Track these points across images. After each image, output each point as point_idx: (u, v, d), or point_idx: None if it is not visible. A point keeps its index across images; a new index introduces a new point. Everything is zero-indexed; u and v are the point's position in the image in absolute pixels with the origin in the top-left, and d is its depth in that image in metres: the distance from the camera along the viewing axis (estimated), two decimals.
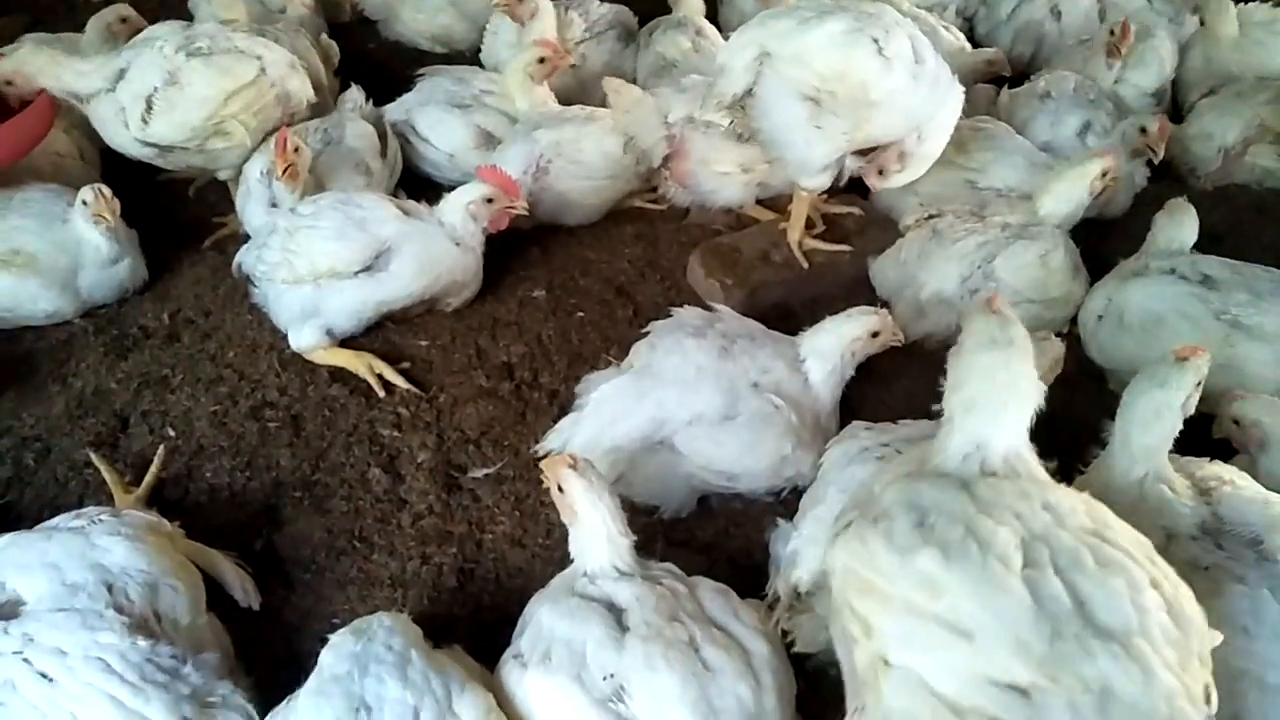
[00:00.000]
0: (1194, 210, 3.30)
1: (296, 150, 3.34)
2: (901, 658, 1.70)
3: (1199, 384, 2.29)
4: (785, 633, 2.32)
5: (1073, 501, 1.83)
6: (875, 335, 2.85)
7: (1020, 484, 1.85)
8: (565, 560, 2.28)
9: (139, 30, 3.99)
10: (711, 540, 2.78)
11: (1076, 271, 3.33)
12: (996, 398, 1.90)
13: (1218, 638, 1.75)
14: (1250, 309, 2.96)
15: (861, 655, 1.77)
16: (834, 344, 2.83)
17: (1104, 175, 3.33)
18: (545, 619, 2.11)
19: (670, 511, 2.79)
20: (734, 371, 2.73)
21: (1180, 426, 2.29)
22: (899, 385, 3.11)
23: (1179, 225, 3.28)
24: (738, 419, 2.69)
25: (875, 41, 3.02)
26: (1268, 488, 2.35)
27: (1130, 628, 1.62)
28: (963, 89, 3.31)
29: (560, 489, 2.22)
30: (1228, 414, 2.69)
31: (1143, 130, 3.79)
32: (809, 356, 2.84)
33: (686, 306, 3.03)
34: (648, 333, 2.93)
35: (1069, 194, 3.32)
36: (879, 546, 1.76)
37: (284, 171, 3.32)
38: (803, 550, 2.36)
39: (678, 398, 2.69)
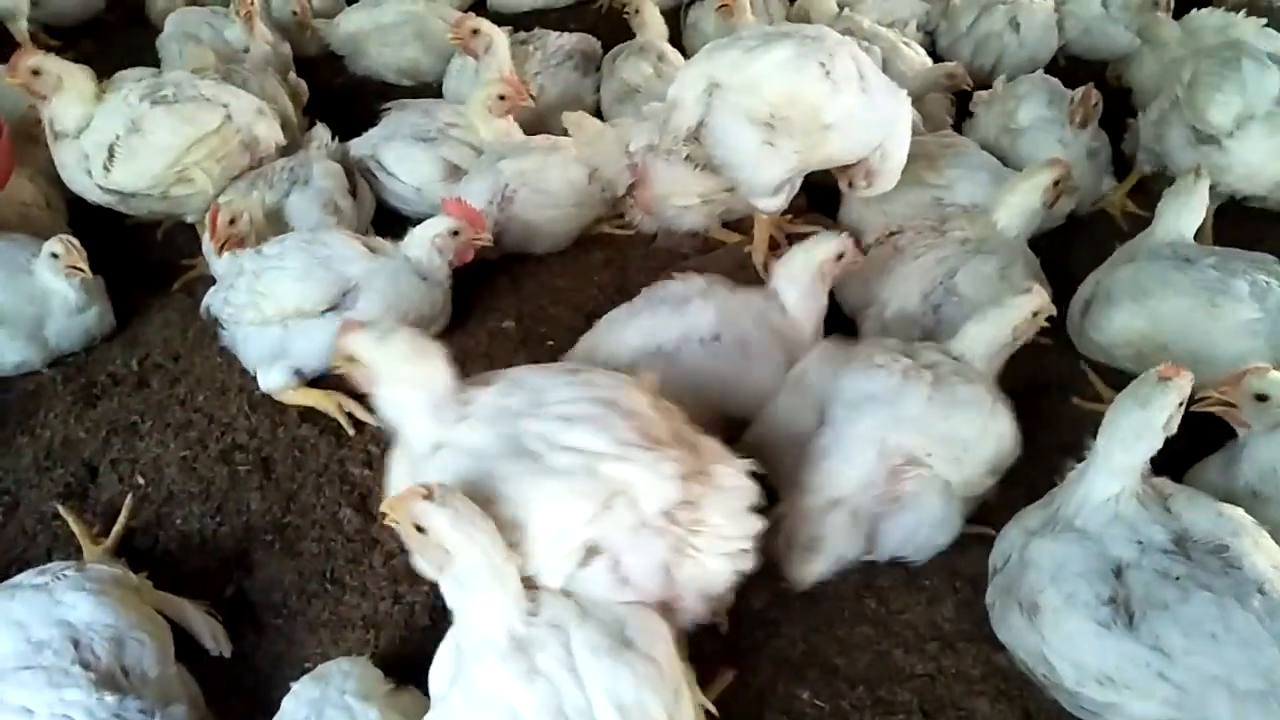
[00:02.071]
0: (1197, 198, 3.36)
1: (232, 221, 3.30)
2: None
3: (1181, 404, 2.32)
4: None
5: None
6: (840, 258, 3.02)
7: None
8: None
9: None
10: None
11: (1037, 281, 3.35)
12: None
13: None
14: (1229, 276, 3.13)
15: None
16: (806, 266, 3.00)
17: (1056, 184, 3.39)
18: None
19: None
20: (717, 305, 2.96)
21: (1160, 445, 2.32)
22: None
23: (1176, 215, 3.34)
24: (723, 339, 2.90)
25: (821, 65, 3.08)
26: (1258, 473, 2.49)
27: None
28: (908, 95, 3.38)
29: (418, 529, 1.88)
30: (1246, 389, 2.60)
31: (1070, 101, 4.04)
32: (784, 287, 3.02)
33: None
34: None
35: (1023, 205, 3.38)
36: None
37: (220, 248, 3.29)
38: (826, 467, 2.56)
39: (669, 313, 2.96)
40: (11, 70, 3.39)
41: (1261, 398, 2.58)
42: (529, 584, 1.98)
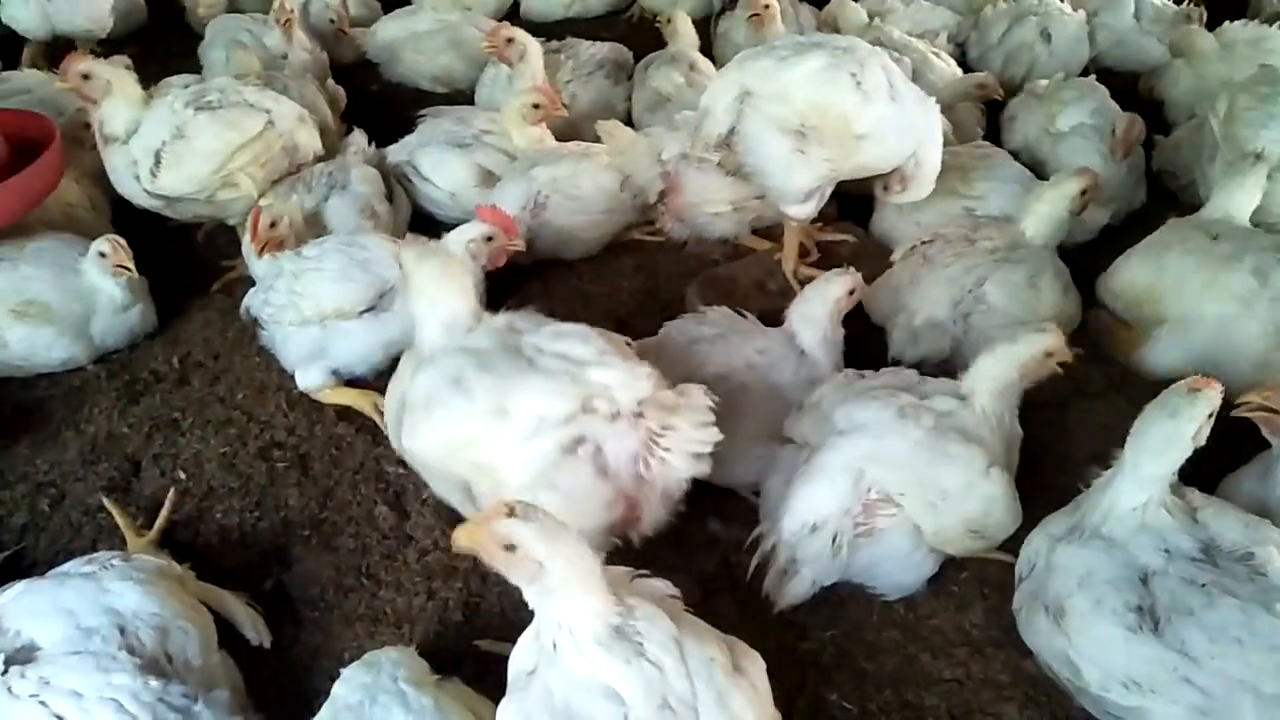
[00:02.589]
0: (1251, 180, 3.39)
1: (273, 225, 3.37)
2: None
3: (1211, 415, 2.32)
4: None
5: None
6: (852, 293, 3.08)
7: None
8: None
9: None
10: None
11: (1067, 290, 3.38)
12: None
13: None
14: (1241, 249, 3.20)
15: None
16: (821, 308, 3.04)
17: (1083, 194, 3.41)
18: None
19: None
20: (731, 346, 2.99)
21: (1189, 455, 2.32)
22: None
23: (1228, 195, 3.39)
24: (729, 381, 2.88)
25: (853, 75, 3.13)
26: None
27: None
28: (936, 103, 3.42)
29: (508, 548, 1.88)
30: None
31: (1112, 132, 3.99)
32: (801, 328, 3.05)
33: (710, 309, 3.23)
34: None
35: (1050, 214, 3.42)
36: None
37: (261, 250, 3.36)
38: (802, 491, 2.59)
39: (677, 356, 2.95)
40: (63, 75, 3.49)
41: None
42: (616, 586, 2.01)
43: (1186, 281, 3.20)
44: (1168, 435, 2.30)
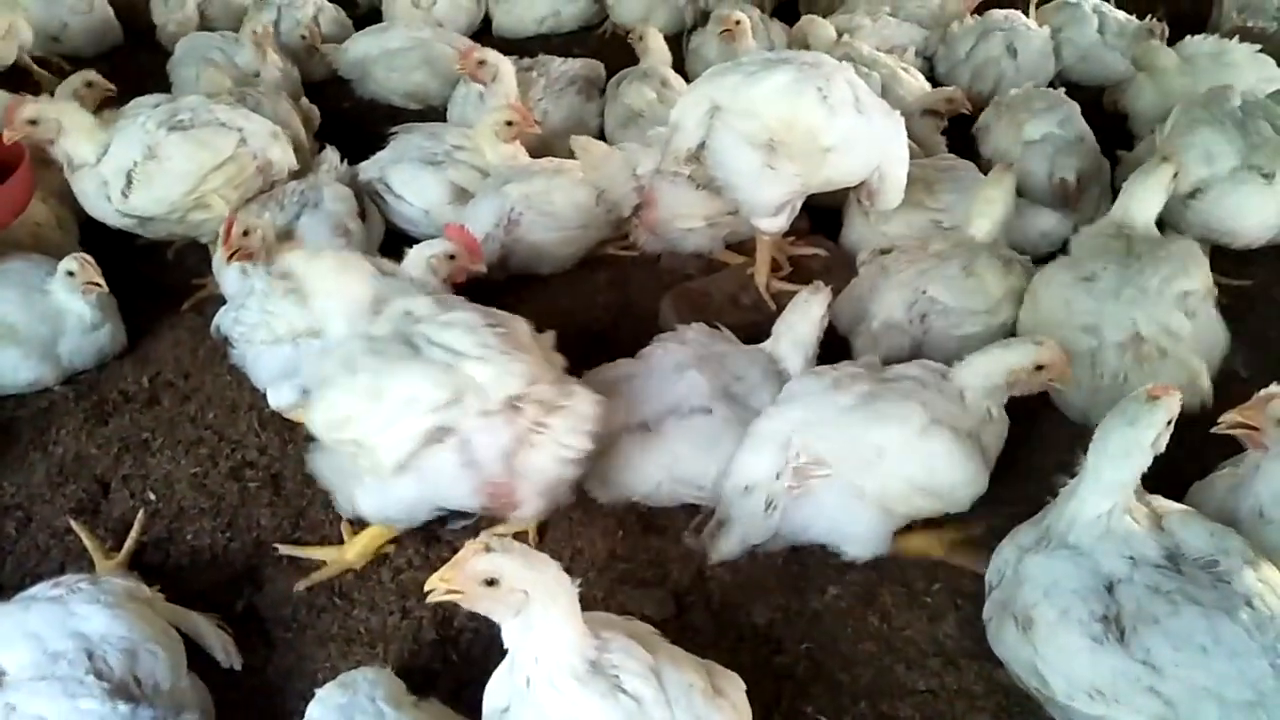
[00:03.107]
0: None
1: (246, 233, 3.33)
2: None
3: (1170, 422, 2.35)
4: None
5: None
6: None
7: None
8: None
9: (106, 94, 4.07)
10: None
11: (1008, 265, 3.47)
12: None
13: None
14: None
15: None
16: (808, 330, 3.08)
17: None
18: None
19: (643, 497, 2.94)
20: (710, 374, 2.95)
21: (1149, 463, 2.35)
22: None
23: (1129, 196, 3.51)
24: (711, 415, 2.88)
25: (819, 90, 3.20)
26: (1271, 494, 2.50)
27: None
28: (901, 116, 3.51)
29: (489, 583, 1.88)
30: (1269, 414, 2.54)
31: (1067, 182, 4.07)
32: (789, 352, 3.07)
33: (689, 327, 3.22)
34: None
35: (989, 213, 3.53)
36: None
37: (231, 257, 3.33)
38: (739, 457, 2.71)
39: (658, 385, 2.94)
40: (9, 126, 3.42)
41: None
42: (592, 621, 2.02)
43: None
44: (1127, 442, 2.32)
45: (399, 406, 2.45)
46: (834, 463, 2.67)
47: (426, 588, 1.93)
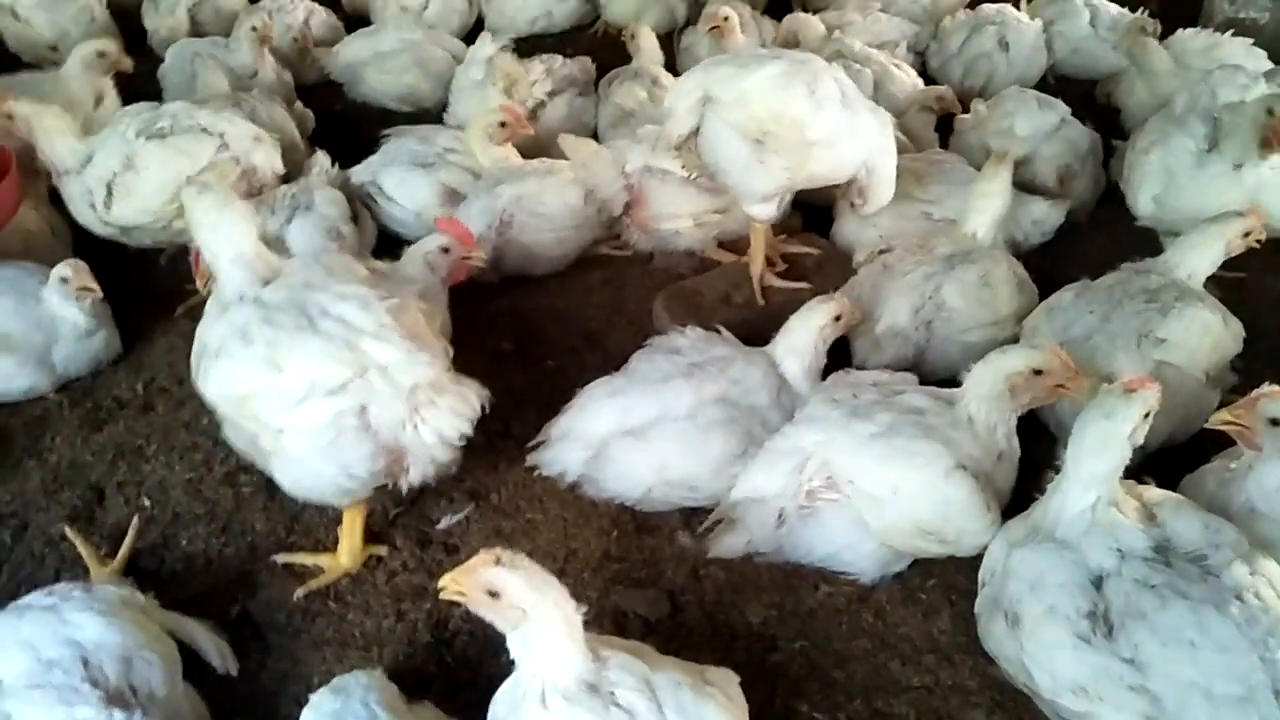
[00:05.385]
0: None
1: None
2: None
3: (1147, 415, 2.35)
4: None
5: None
6: (838, 319, 3.08)
7: None
8: None
9: (118, 66, 4.07)
10: None
11: (1021, 286, 3.45)
12: None
13: None
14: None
15: None
16: (806, 337, 3.05)
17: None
18: None
19: (635, 502, 2.96)
20: (700, 383, 2.94)
21: (1129, 455, 2.35)
22: None
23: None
24: (697, 420, 2.88)
25: (807, 84, 3.24)
26: (1261, 493, 2.51)
27: None
28: (889, 114, 3.54)
29: (492, 595, 1.95)
30: (1260, 413, 2.55)
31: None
32: (785, 357, 3.06)
33: (687, 329, 3.22)
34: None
35: (986, 208, 3.51)
36: None
37: (204, 285, 3.32)
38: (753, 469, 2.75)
39: (645, 393, 2.93)
40: None
41: (1276, 422, 2.53)
42: (592, 642, 2.06)
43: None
44: (1104, 435, 2.33)
45: (301, 386, 2.42)
46: (846, 491, 2.66)
47: (439, 584, 2.00)
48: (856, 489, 2.65)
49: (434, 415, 2.52)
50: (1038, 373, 2.70)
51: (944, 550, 2.69)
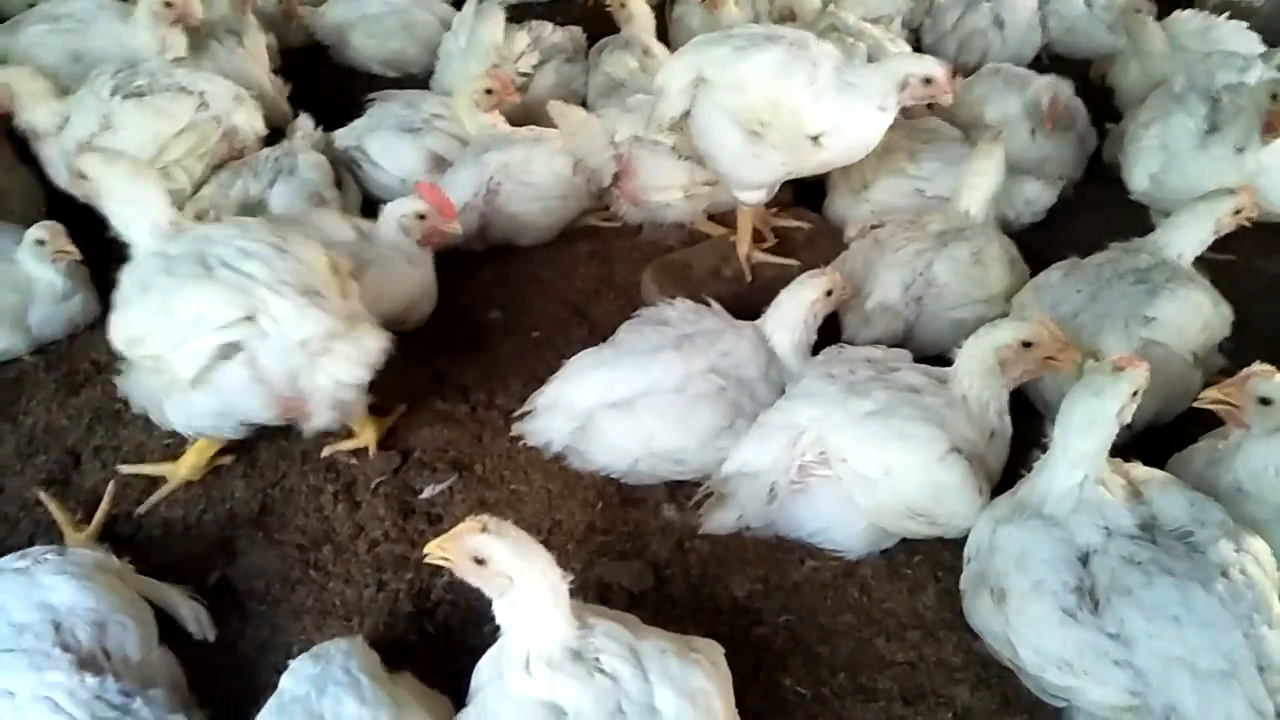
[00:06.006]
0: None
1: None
2: None
3: (1136, 394, 2.34)
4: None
5: None
6: (829, 294, 3.05)
7: None
8: None
9: (184, 18, 3.95)
10: None
11: (1013, 264, 3.43)
12: None
13: None
14: None
15: None
16: (796, 311, 3.02)
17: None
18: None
19: (622, 475, 2.93)
20: (688, 355, 2.90)
21: (1116, 433, 2.35)
22: None
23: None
24: (685, 393, 2.85)
25: (806, 74, 3.09)
26: (1249, 472, 2.51)
27: None
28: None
29: (479, 561, 1.95)
30: (1250, 392, 2.53)
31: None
32: (775, 331, 3.03)
33: (676, 301, 3.17)
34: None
35: (981, 185, 3.48)
36: None
37: None
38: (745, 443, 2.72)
39: (632, 364, 2.89)
40: None
41: (1266, 401, 2.51)
42: (579, 610, 2.06)
43: None
44: (1092, 413, 2.32)
45: (189, 324, 2.50)
46: (838, 468, 2.64)
47: (425, 550, 2.00)
48: (848, 468, 2.62)
49: (330, 363, 2.60)
50: (1027, 345, 2.68)
51: (933, 532, 2.68)
